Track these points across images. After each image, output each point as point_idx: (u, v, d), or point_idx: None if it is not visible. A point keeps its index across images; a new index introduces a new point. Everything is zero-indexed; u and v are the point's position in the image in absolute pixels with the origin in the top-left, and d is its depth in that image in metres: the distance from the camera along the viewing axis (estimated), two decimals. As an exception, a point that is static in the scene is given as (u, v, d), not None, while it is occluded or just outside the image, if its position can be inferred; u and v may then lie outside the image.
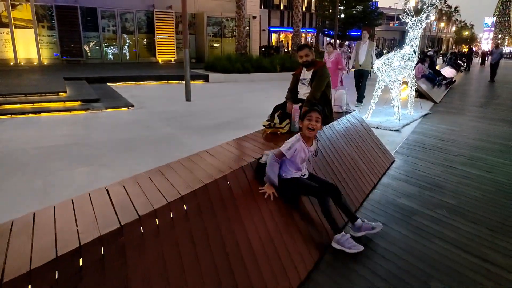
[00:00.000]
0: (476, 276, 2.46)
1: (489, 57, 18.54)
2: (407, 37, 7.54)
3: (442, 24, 60.26)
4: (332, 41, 16.93)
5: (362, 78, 9.27)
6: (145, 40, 19.82)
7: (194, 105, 8.85)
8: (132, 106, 8.31)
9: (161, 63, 19.65)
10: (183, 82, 10.05)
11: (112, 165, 4.51)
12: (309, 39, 40.30)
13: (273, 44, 36.07)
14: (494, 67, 16.59)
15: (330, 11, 29.75)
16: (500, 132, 6.99)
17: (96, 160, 4.68)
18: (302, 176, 2.86)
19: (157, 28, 19.38)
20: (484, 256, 2.70)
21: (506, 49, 69.35)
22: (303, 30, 33.01)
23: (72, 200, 2.01)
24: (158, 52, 19.72)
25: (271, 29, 37.50)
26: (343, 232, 2.69)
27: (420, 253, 2.74)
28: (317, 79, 3.92)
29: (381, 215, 3.33)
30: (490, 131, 7.06)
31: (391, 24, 52.65)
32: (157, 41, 19.53)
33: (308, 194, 2.84)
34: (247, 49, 17.69)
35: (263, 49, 26.35)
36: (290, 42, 35.49)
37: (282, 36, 38.97)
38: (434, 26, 55.57)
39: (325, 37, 35.18)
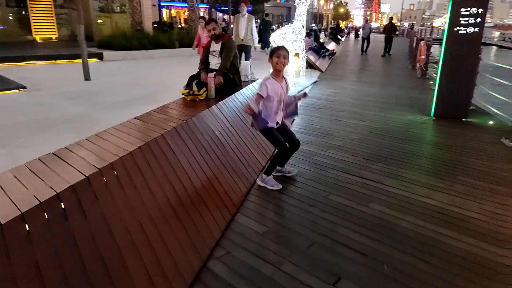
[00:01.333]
0: (357, 188, 3.45)
1: (361, 31, 21.45)
2: (295, 13, 8.55)
3: (322, 2, 65.86)
4: (206, 15, 17.42)
5: (245, 53, 8.61)
6: (16, 15, 17.40)
7: (97, 83, 8.58)
8: (24, 87, 7.68)
9: (39, 41, 17.60)
10: (75, 61, 9.49)
11: (30, 145, 4.43)
12: (201, 14, 40.01)
13: (165, 20, 34.87)
14: (365, 40, 18.82)
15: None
16: (371, 92, 8.65)
17: (10, 141, 4.50)
18: (276, 125, 3.39)
19: (30, 1, 17.15)
20: (362, 176, 3.73)
21: (374, 25, 79.72)
22: (196, 6, 32.74)
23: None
24: (34, 29, 17.57)
25: (162, 4, 36.07)
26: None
27: (320, 179, 3.64)
28: (226, 50, 4.47)
29: (292, 158, 4.13)
30: (364, 92, 8.67)
31: (277, 0, 55.33)
32: (32, 16, 17.34)
33: (273, 145, 3.46)
34: (142, 25, 17.09)
35: (155, 25, 25.46)
36: (182, 17, 34.82)
37: (174, 12, 37.85)
38: (315, 4, 60.42)
39: (217, 13, 35.44)
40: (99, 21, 19.60)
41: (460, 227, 2.76)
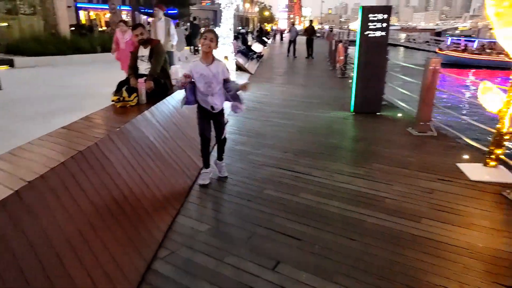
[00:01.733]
0: (289, 181, 3.75)
1: (288, 34, 22.35)
2: (222, 17, 8.77)
3: (247, 5, 67.30)
4: (129, 18, 16.91)
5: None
6: None
7: (11, 93, 7.86)
8: None
9: None
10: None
11: None
12: (124, 17, 38.29)
13: (84, 22, 32.71)
14: (292, 43, 19.08)
15: (143, -12, 29.12)
16: (297, 93, 9.21)
17: None
18: (212, 109, 3.43)
19: None
20: (293, 170, 4.05)
21: (298, 27, 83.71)
22: (118, 8, 31.25)
23: None
24: None
25: (79, 5, 33.78)
26: (209, 168, 3.67)
27: (255, 176, 3.87)
28: (156, 55, 4.49)
29: (229, 158, 4.31)
30: (291, 93, 9.20)
31: (203, 3, 55.20)
32: None
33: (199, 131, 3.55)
34: (57, 29, 15.91)
35: (73, 28, 23.80)
36: (103, 20, 33.02)
37: (93, 14, 35.67)
38: (241, 7, 61.51)
39: (141, 15, 34.23)
40: (3, 24, 17.74)
41: (376, 207, 3.18)
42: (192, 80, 3.32)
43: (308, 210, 3.14)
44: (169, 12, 29.45)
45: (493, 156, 3.77)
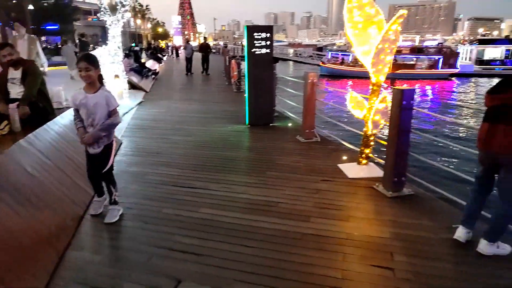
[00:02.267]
0: (187, 197, 3.75)
1: (183, 51, 22.20)
2: (109, 35, 8.36)
3: (138, 21, 65.16)
4: None
5: None
6: None
7: None
8: None
9: None
10: None
11: None
12: (-9, 33, 33.39)
13: None
14: (189, 60, 18.42)
15: (14, 1, 26.00)
16: (195, 109, 9.27)
17: None
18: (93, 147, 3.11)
19: None
20: (191, 186, 4.06)
21: (193, 44, 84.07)
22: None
23: None
24: None
25: None
26: (103, 197, 3.44)
27: (152, 196, 3.77)
28: (30, 77, 4.06)
29: (122, 181, 4.09)
30: (188, 109, 9.21)
31: (89, 19, 51.67)
32: None
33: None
34: None
35: None
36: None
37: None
38: (132, 23, 59.29)
39: (13, 32, 30.39)
40: None
41: (269, 212, 3.39)
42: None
43: (206, 224, 3.19)
44: (47, 28, 26.82)
45: (363, 155, 4.37)
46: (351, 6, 4.02)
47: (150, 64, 19.34)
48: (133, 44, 32.78)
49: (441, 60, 32.97)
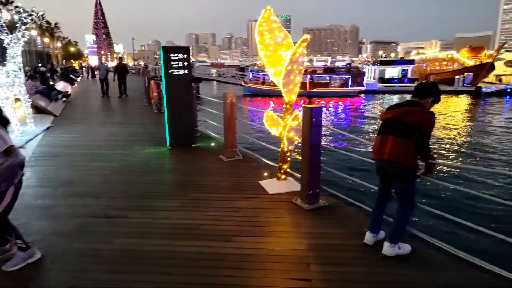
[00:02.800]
0: (103, 228, 3.50)
1: (98, 72, 20.90)
2: (7, 54, 7.57)
3: (46, 40, 60.07)
4: None
5: None
6: None
7: None
8: None
9: None
10: None
11: None
12: None
13: None
14: (104, 81, 17.27)
15: None
16: (113, 132, 8.78)
17: None
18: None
19: None
20: (107, 215, 3.80)
21: (111, 64, 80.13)
22: None
23: None
24: None
25: None
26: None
27: (62, 231, 3.44)
28: None
29: (25, 217, 3.64)
30: (106, 132, 8.68)
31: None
32: None
33: None
34: None
35: None
36: None
37: None
38: (39, 42, 54.43)
39: None
40: None
41: (192, 235, 3.33)
42: None
43: (124, 255, 3.00)
44: None
45: (282, 171, 4.57)
46: (262, 29, 4.25)
47: (62, 86, 17.91)
48: (40, 65, 30.15)
49: (350, 79, 36.34)
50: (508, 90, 36.43)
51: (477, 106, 28.93)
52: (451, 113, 24.37)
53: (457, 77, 41.28)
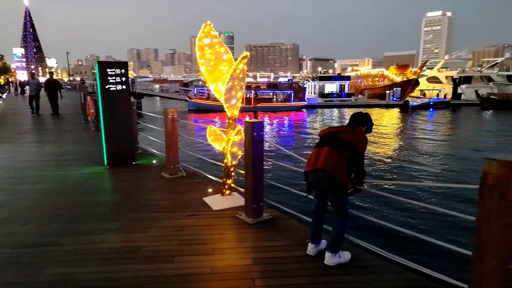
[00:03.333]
0: (29, 259, 3.18)
1: (28, 87, 19.20)
2: None
3: (-34, 52, 54.36)
4: None
5: None
6: None
7: None
8: None
9: None
10: None
11: None
12: None
13: None
14: (34, 98, 15.98)
15: None
16: (46, 151, 8.13)
17: None
18: None
19: None
20: (34, 243, 3.47)
21: (43, 79, 74.48)
22: None
23: None
24: None
25: None
26: None
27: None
28: None
29: None
30: (37, 152, 8.01)
31: None
32: None
33: None
34: None
35: None
36: None
37: None
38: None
39: None
40: None
41: (131, 259, 3.15)
42: None
43: (54, 287, 2.75)
44: None
45: (226, 186, 4.55)
46: (202, 44, 4.26)
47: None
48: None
49: (292, 94, 37.73)
50: (431, 103, 40.30)
51: (406, 118, 31.46)
52: (384, 125, 26.28)
53: (387, 92, 44.81)
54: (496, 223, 2.06)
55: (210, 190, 4.95)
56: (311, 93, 46.11)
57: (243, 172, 4.19)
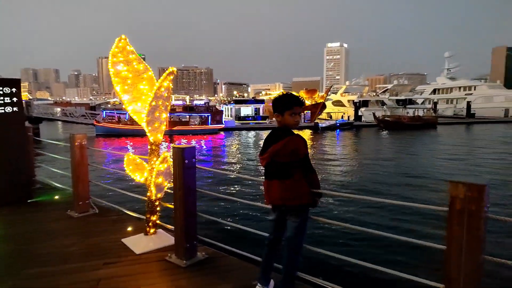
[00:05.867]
0: None
1: None
2: None
3: None
4: None
5: None
6: None
7: None
8: None
9: None
10: None
11: None
12: None
13: None
14: None
15: None
16: None
17: None
18: None
19: None
20: None
21: None
22: None
23: None
24: None
25: None
26: None
27: None
28: None
29: None
30: None
31: None
32: None
33: None
34: None
35: None
36: None
37: None
38: None
39: None
40: None
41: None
42: None
43: None
44: None
45: (150, 224, 3.89)
46: (116, 61, 3.68)
47: None
48: None
49: (210, 117, 37.51)
50: (338, 124, 43.85)
51: (318, 139, 33.46)
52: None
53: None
54: (467, 251, 1.92)
55: (130, 229, 4.21)
56: (228, 116, 46.54)
57: (171, 205, 3.62)
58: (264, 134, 37.11)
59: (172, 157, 3.45)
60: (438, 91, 75.78)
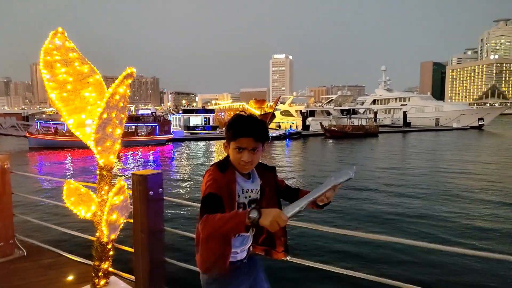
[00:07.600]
0: None
1: None
2: None
3: None
4: None
5: None
6: None
7: None
8: None
9: None
10: None
11: None
12: None
13: None
14: None
15: None
16: None
17: None
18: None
19: None
20: None
21: None
22: None
23: None
24: None
25: None
26: None
27: None
28: None
29: None
30: None
31: None
32: None
33: None
34: None
35: None
36: None
37: None
38: None
39: None
40: None
41: None
42: None
43: None
44: None
45: (100, 274, 2.94)
46: (51, 60, 2.77)
47: None
48: None
49: (157, 128, 35.74)
50: (288, 134, 44.34)
51: (269, 148, 33.30)
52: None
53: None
54: None
55: (71, 277, 3.23)
56: (177, 126, 44.91)
57: (129, 249, 2.76)
58: (215, 144, 36.15)
59: (131, 186, 2.60)
60: (377, 102, 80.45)
